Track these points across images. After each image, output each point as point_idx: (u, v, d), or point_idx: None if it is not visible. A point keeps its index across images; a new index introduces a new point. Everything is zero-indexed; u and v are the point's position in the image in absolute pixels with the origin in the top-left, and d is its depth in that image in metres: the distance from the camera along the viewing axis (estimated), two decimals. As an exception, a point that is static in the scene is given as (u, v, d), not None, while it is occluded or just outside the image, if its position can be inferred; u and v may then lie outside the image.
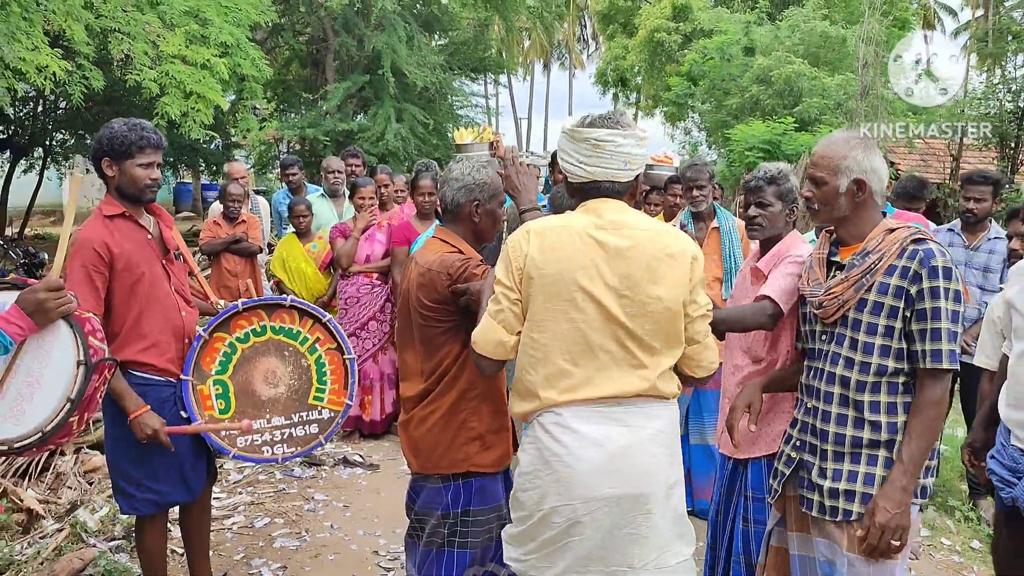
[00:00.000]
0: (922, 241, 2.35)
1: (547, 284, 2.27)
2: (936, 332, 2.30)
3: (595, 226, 2.30)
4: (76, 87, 9.47)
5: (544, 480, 2.28)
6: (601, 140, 2.33)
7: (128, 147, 2.96)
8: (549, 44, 46.47)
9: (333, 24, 15.80)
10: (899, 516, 2.32)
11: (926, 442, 2.34)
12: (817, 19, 18.34)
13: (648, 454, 2.27)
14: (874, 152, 2.47)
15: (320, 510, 4.65)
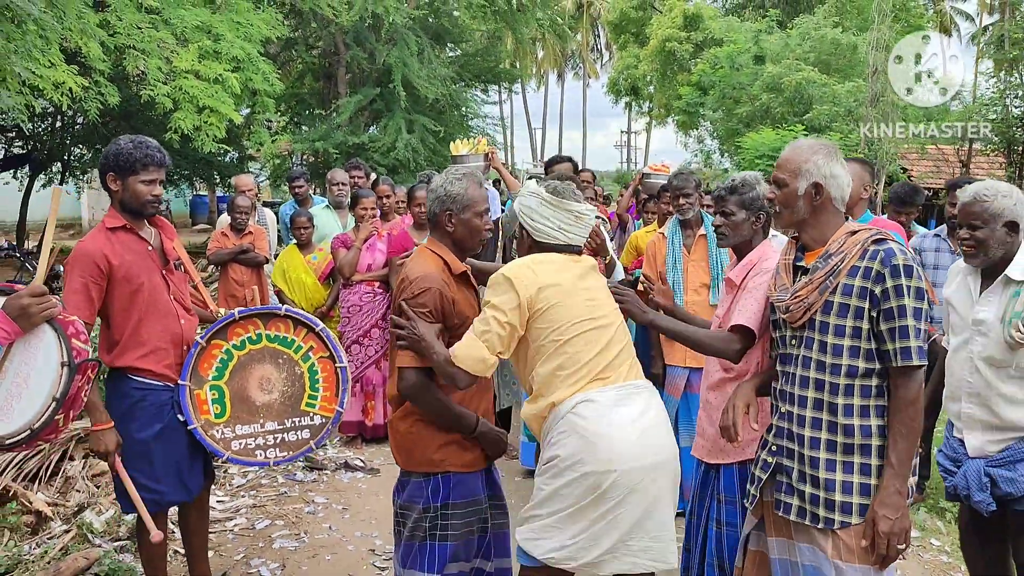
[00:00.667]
0: (882, 242, 2.41)
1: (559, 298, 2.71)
2: (904, 329, 2.34)
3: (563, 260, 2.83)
4: (92, 103, 9.69)
5: (596, 462, 2.57)
6: (582, 213, 2.85)
7: (132, 164, 3.11)
8: (563, 54, 46.70)
9: (344, 38, 16.02)
10: (900, 520, 2.35)
11: (910, 442, 2.37)
12: (828, 26, 18.38)
13: (666, 427, 2.75)
14: (835, 159, 2.54)
15: (320, 512, 4.78)
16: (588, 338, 2.71)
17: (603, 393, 2.66)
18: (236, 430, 3.45)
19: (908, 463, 2.37)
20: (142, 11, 10.37)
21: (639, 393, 2.73)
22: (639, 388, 2.75)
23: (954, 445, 3.07)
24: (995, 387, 2.90)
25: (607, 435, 2.58)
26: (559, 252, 2.84)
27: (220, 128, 10.62)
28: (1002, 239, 2.93)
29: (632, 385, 2.73)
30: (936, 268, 4.96)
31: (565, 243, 2.85)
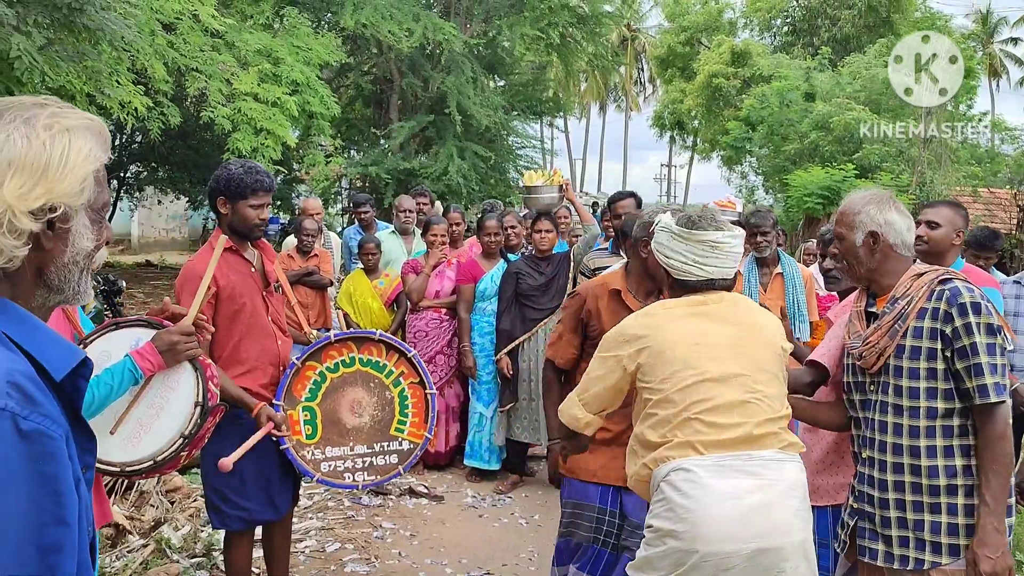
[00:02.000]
0: (948, 281, 2.43)
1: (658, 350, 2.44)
2: (978, 367, 2.34)
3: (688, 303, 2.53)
4: (155, 122, 9.90)
5: (682, 539, 2.30)
6: (720, 242, 2.51)
7: (243, 189, 3.18)
8: (605, 87, 46.93)
9: (399, 65, 16.24)
10: (1002, 558, 2.32)
11: (1003, 478, 2.35)
12: (879, 66, 18.30)
13: (782, 506, 2.32)
14: (889, 206, 2.58)
15: (388, 538, 4.76)
16: (694, 397, 2.38)
17: (702, 462, 2.32)
18: (326, 452, 3.47)
19: (1003, 500, 2.35)
20: (207, 34, 10.63)
21: (752, 466, 2.34)
22: (755, 459, 2.35)
23: None
24: None
25: (695, 511, 2.28)
26: (700, 291, 2.55)
27: (276, 150, 10.80)
28: None
29: (745, 456, 2.34)
30: (1017, 316, 4.88)
31: (705, 278, 2.53)
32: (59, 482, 1.06)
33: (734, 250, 2.55)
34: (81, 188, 1.18)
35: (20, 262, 1.14)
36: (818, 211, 14.97)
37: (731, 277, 2.58)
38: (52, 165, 1.15)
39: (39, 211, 1.13)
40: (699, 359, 2.41)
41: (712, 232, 2.51)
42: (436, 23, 14.43)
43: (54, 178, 1.15)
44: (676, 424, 2.38)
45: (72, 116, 1.20)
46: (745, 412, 2.37)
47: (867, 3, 22.66)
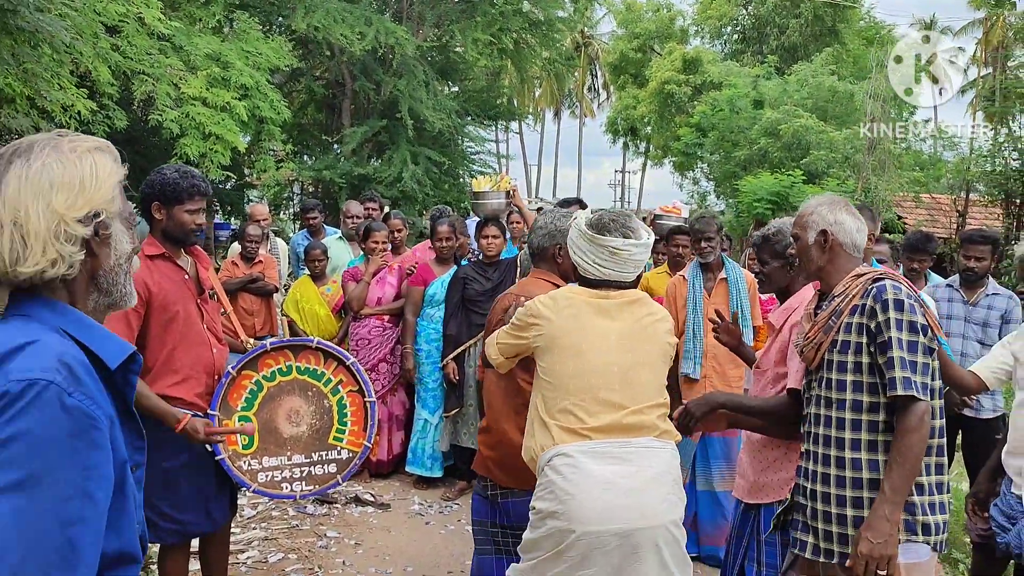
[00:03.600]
0: (881, 279, 2.51)
1: (553, 337, 2.65)
2: (890, 361, 2.40)
3: (591, 294, 2.73)
4: (100, 127, 9.71)
5: (560, 520, 2.49)
6: (619, 249, 2.69)
7: (179, 193, 3.14)
8: (560, 93, 47.10)
9: (351, 69, 16.13)
10: (882, 546, 2.34)
11: (905, 471, 2.36)
12: (825, 74, 18.69)
13: (653, 492, 2.52)
14: (840, 208, 2.66)
15: (332, 547, 4.72)
16: (578, 385, 2.60)
17: (581, 448, 2.53)
18: (263, 462, 3.43)
19: (901, 491, 2.37)
20: (153, 37, 10.46)
21: (627, 452, 2.54)
22: (631, 446, 2.55)
23: (1011, 502, 3.09)
24: None
25: (572, 494, 2.48)
26: (599, 288, 2.74)
27: (225, 155, 10.65)
28: None
29: (621, 443, 2.55)
30: (949, 318, 5.01)
31: (601, 279, 2.73)
32: (92, 458, 1.19)
33: (634, 258, 2.72)
34: (112, 197, 1.41)
35: (77, 269, 1.35)
36: (767, 216, 15.17)
37: (629, 280, 2.76)
38: (87, 179, 1.37)
39: (86, 218, 1.35)
40: (587, 352, 2.62)
41: (614, 239, 2.69)
42: (388, 27, 14.36)
43: (91, 189, 1.37)
44: (560, 409, 2.60)
45: (88, 140, 1.42)
46: (624, 402, 2.60)
47: (813, 12, 23.11)
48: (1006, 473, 3.15)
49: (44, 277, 1.33)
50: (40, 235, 1.31)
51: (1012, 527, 3.04)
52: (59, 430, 1.15)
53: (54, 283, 1.35)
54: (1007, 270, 10.76)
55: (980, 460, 3.70)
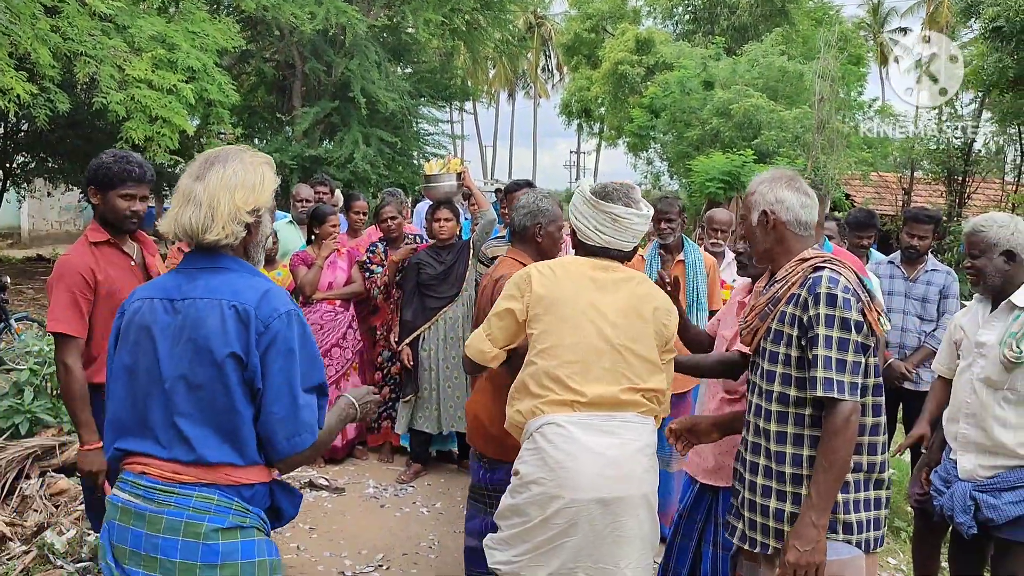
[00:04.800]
0: (820, 269, 2.40)
1: (551, 307, 2.69)
2: (815, 360, 2.32)
3: (592, 267, 2.78)
4: (41, 110, 9.47)
5: (549, 486, 2.57)
6: (620, 216, 2.77)
7: (111, 178, 3.09)
8: (514, 74, 47.03)
9: (302, 51, 15.92)
10: (809, 553, 2.30)
11: (831, 476, 2.30)
12: (775, 55, 18.88)
13: (635, 464, 2.62)
14: (781, 185, 2.55)
15: (286, 532, 4.70)
16: (573, 356, 2.64)
17: (571, 419, 2.60)
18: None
19: (827, 496, 2.31)
20: (95, 18, 10.20)
21: (613, 426, 2.61)
22: (615, 420, 2.63)
23: (948, 467, 3.22)
24: (990, 409, 3.04)
25: (563, 463, 2.55)
26: (597, 256, 2.82)
27: (173, 139, 10.45)
28: (1000, 268, 3.06)
29: (607, 416, 2.62)
30: (890, 294, 5.14)
31: (602, 246, 2.81)
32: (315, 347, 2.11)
33: (633, 227, 2.80)
34: (269, 197, 2.14)
35: (238, 241, 2.09)
36: (719, 195, 15.36)
37: (627, 249, 2.84)
38: (257, 184, 2.10)
39: (251, 212, 2.08)
40: (583, 324, 2.66)
41: (617, 207, 2.77)
42: (339, 6, 14.16)
43: (259, 191, 2.10)
44: (553, 378, 2.63)
45: (260, 156, 2.17)
46: (614, 379, 2.64)
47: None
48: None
49: (218, 243, 2.06)
50: (223, 216, 2.04)
51: (946, 490, 3.16)
52: (301, 327, 2.06)
53: (225, 248, 2.08)
54: (949, 246, 11.04)
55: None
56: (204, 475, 1.98)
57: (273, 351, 1.98)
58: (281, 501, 2.17)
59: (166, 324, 2.03)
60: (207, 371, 1.97)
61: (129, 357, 2.06)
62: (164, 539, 1.96)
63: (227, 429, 1.99)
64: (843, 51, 18.75)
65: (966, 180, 13.54)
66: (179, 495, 1.98)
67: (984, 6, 11.43)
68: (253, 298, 2.00)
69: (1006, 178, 14.74)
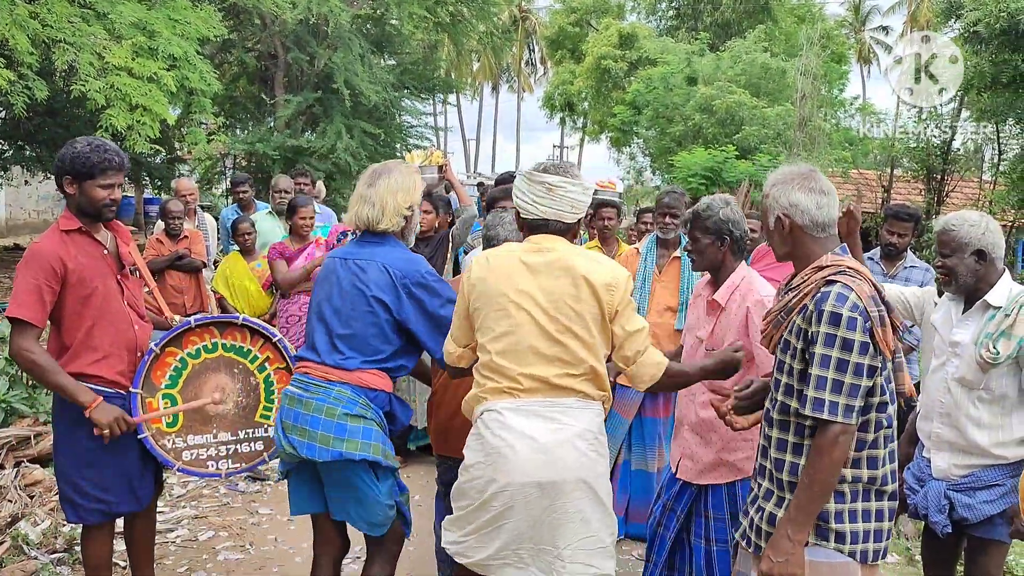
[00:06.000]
0: (832, 283, 2.33)
1: (486, 298, 2.71)
2: (814, 378, 2.28)
3: (526, 251, 2.74)
4: (18, 98, 9.36)
5: (486, 470, 2.62)
6: (554, 185, 2.74)
7: (90, 168, 3.05)
8: (498, 67, 46.91)
9: (284, 41, 15.82)
10: (782, 565, 2.30)
11: (813, 493, 2.29)
12: (758, 51, 18.95)
13: (571, 448, 2.61)
14: (794, 187, 2.45)
15: (264, 523, 4.70)
16: (507, 344, 2.66)
17: (509, 405, 2.63)
18: (188, 440, 3.39)
19: (806, 511, 2.31)
20: (74, 4, 10.08)
21: (552, 411, 2.63)
22: (555, 406, 2.63)
23: (922, 465, 3.22)
24: (964, 408, 3.04)
25: (498, 448, 2.60)
26: (538, 231, 2.76)
27: (154, 127, 10.34)
28: (971, 267, 3.05)
29: (547, 402, 2.63)
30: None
31: (541, 218, 2.74)
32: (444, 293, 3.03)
33: (569, 195, 2.73)
34: (419, 196, 3.09)
35: (399, 228, 3.06)
36: (701, 191, 15.38)
37: (567, 222, 2.76)
38: (411, 187, 3.07)
39: (408, 208, 3.05)
40: (515, 310, 2.67)
41: (549, 176, 2.74)
42: (322, -4, 14.08)
43: (412, 193, 3.07)
44: (492, 368, 2.68)
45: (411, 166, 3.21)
46: (548, 364, 2.65)
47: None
48: None
49: (386, 231, 3.03)
50: (389, 212, 3.01)
51: (920, 489, 3.18)
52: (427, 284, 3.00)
53: (388, 232, 3.04)
54: (928, 244, 11.13)
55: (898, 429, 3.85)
56: (343, 376, 2.91)
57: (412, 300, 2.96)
58: (396, 409, 3.04)
59: (341, 274, 3.00)
60: (360, 307, 2.93)
61: (318, 295, 3.05)
62: (312, 417, 2.87)
63: (364, 348, 2.93)
64: (825, 49, 18.87)
65: (945, 178, 13.64)
66: (325, 388, 2.90)
67: (965, 10, 11.50)
68: (398, 263, 2.97)
69: (984, 176, 14.88)
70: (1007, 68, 11.38)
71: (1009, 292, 3.05)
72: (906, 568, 4.55)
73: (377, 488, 2.93)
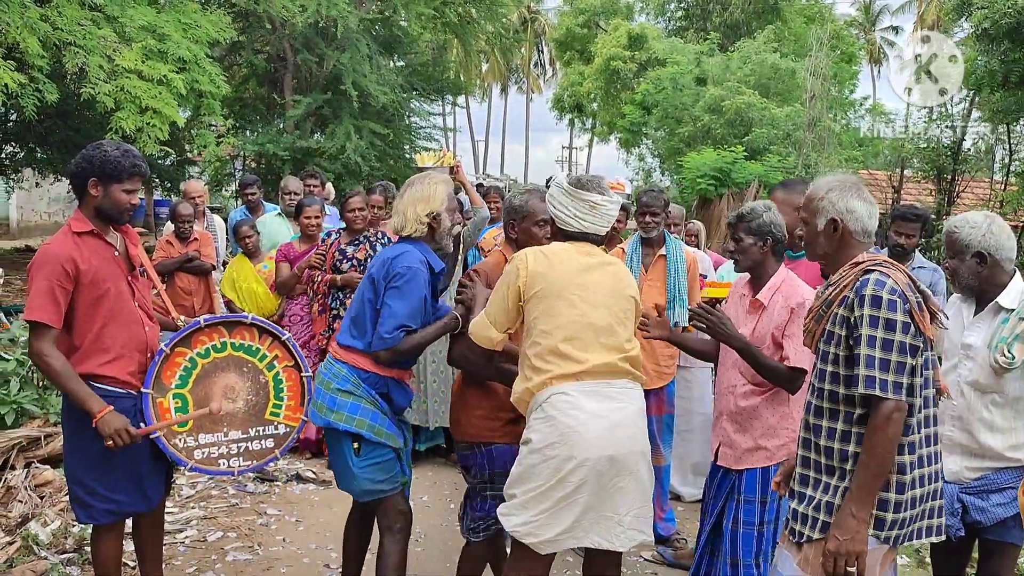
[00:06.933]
0: (870, 272, 2.45)
1: (551, 288, 2.96)
2: (863, 358, 2.37)
3: (578, 251, 3.08)
4: (29, 100, 9.41)
5: (561, 448, 2.84)
6: (598, 203, 3.06)
7: (119, 172, 3.09)
8: (507, 68, 46.92)
9: (293, 43, 15.86)
10: (848, 543, 2.37)
11: (872, 472, 2.37)
12: (767, 52, 18.87)
13: (634, 425, 2.96)
14: (852, 194, 2.59)
15: (273, 524, 4.71)
16: (574, 331, 2.94)
17: (577, 387, 2.89)
18: (199, 439, 3.40)
19: (867, 489, 2.38)
20: (85, 7, 10.13)
21: (612, 392, 2.94)
22: (614, 387, 2.95)
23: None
24: (977, 411, 3.02)
25: (573, 427, 2.84)
26: (577, 240, 3.08)
27: (163, 130, 10.38)
28: (972, 269, 3.04)
29: (606, 384, 2.94)
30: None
31: (581, 231, 3.08)
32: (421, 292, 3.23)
33: (609, 212, 3.10)
34: (441, 203, 3.33)
35: (424, 233, 3.33)
36: (710, 192, 15.34)
37: (602, 234, 3.13)
38: (430, 196, 3.33)
39: (428, 215, 3.32)
40: (579, 302, 2.96)
41: (594, 195, 3.06)
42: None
43: (432, 201, 3.33)
44: (556, 354, 2.92)
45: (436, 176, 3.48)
46: (608, 350, 2.97)
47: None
48: None
49: (412, 235, 3.30)
50: (411, 220, 3.30)
51: None
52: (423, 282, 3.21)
53: (415, 236, 3.30)
54: (937, 244, 11.07)
55: None
56: (344, 355, 3.28)
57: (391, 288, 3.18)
58: (393, 391, 3.31)
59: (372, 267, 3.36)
60: (363, 292, 3.29)
61: None
62: (319, 388, 3.30)
63: (363, 331, 3.26)
64: (835, 49, 18.79)
65: (955, 179, 13.55)
66: (331, 365, 3.30)
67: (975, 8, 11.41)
68: (396, 256, 3.22)
69: (995, 177, 14.79)
70: (1017, 67, 11.30)
71: (1021, 294, 3.03)
72: (916, 571, 4.52)
73: (356, 460, 3.22)
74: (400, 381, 3.36)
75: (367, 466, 3.24)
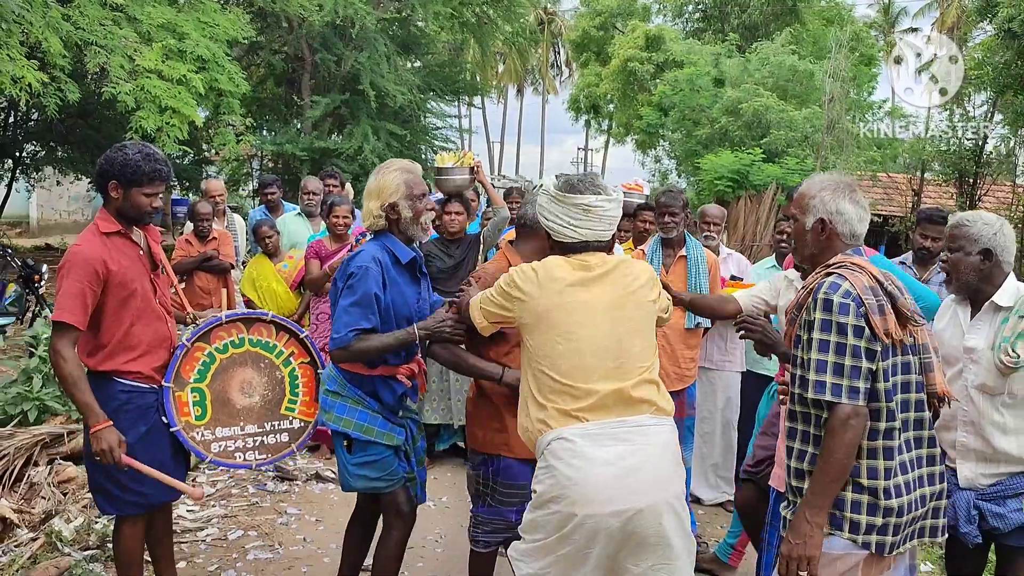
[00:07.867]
0: (831, 275, 2.44)
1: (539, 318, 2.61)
2: (811, 362, 2.37)
3: (574, 268, 2.66)
4: (51, 99, 9.48)
5: (562, 504, 2.49)
6: (592, 206, 2.65)
7: (140, 177, 3.10)
8: (523, 69, 46.89)
9: (311, 43, 15.92)
10: (800, 547, 2.36)
11: (827, 476, 2.35)
12: (786, 53, 18.77)
13: (655, 468, 2.51)
14: (844, 195, 2.54)
15: (293, 523, 4.71)
16: (571, 365, 2.57)
17: (579, 432, 2.51)
18: (216, 432, 3.46)
19: (821, 494, 2.37)
20: (106, 7, 10.20)
21: (624, 432, 2.52)
22: (627, 424, 2.54)
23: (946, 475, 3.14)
24: (988, 415, 2.97)
25: (574, 479, 2.47)
26: (578, 252, 2.69)
27: (182, 129, 10.44)
28: (974, 264, 3.00)
29: (619, 422, 2.53)
30: (903, 295, 5.08)
31: (580, 240, 2.68)
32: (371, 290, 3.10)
33: (608, 214, 2.69)
34: (394, 193, 3.18)
35: (383, 225, 3.22)
36: (728, 194, 15.30)
37: (606, 239, 2.72)
38: (382, 188, 3.21)
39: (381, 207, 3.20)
40: (576, 329, 2.58)
41: (586, 196, 2.65)
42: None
43: (383, 195, 3.20)
44: (555, 390, 2.57)
45: (392, 163, 3.31)
46: (619, 380, 2.56)
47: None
48: None
49: (373, 228, 3.24)
50: (367, 214, 3.23)
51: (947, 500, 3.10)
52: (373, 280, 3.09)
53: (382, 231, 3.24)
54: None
55: None
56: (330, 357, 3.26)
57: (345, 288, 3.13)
58: (379, 389, 3.25)
59: None
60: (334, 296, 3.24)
61: None
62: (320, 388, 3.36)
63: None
64: (855, 51, 18.66)
65: (977, 182, 13.44)
66: (328, 368, 3.34)
67: (1001, 7, 11.30)
68: (352, 257, 3.20)
69: (1017, 180, 14.64)
70: (1040, 69, 11.21)
71: (1017, 292, 2.98)
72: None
73: (348, 458, 3.28)
74: (388, 379, 3.26)
75: (358, 464, 3.26)
